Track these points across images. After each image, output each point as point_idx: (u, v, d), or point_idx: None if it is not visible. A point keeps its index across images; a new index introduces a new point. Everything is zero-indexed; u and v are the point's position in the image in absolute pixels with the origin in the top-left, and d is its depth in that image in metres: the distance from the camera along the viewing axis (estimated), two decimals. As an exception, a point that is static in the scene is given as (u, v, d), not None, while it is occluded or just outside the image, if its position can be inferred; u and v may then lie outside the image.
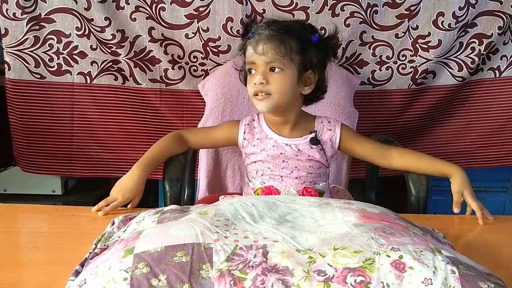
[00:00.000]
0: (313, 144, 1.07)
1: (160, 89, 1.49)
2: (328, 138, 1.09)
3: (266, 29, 0.99)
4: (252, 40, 1.00)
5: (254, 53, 0.99)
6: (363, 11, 1.44)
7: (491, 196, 1.85)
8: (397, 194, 1.24)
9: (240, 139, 1.10)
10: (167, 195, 1.05)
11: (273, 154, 1.06)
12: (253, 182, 1.11)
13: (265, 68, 0.99)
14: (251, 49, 1.00)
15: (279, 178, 1.07)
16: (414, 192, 1.07)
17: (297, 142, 1.07)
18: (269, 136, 1.08)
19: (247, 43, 1.02)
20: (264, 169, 1.08)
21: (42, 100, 1.47)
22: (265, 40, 0.98)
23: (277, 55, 0.97)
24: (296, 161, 1.07)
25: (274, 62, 0.98)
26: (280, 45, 0.98)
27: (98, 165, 1.55)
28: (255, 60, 0.99)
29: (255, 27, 1.01)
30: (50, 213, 0.94)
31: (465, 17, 1.46)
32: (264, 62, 0.98)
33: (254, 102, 1.02)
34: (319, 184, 1.10)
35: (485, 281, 0.55)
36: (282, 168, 1.07)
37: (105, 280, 0.55)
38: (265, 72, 0.99)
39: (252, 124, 1.11)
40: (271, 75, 0.99)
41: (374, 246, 0.59)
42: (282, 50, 0.97)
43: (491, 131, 1.62)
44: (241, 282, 0.53)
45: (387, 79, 1.52)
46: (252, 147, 1.09)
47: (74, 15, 1.41)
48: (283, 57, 0.98)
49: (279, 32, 0.98)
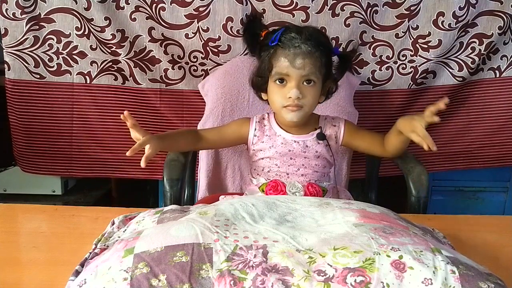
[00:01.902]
0: (320, 139, 1.09)
1: (160, 89, 1.49)
2: (332, 134, 1.12)
3: (303, 43, 1.00)
4: (287, 51, 1.00)
5: (291, 66, 0.99)
6: (363, 11, 1.44)
7: (491, 196, 1.85)
8: (397, 194, 1.24)
9: (251, 136, 1.12)
10: (167, 195, 1.05)
11: (282, 151, 1.09)
12: (257, 178, 1.13)
13: (299, 81, 1.01)
14: (286, 61, 1.00)
15: (285, 175, 1.09)
16: (414, 192, 1.07)
17: (305, 139, 1.10)
18: (277, 134, 1.10)
19: (278, 52, 1.01)
20: (271, 165, 1.10)
21: (41, 100, 1.47)
22: (303, 54, 0.99)
23: (314, 70, 1.00)
24: (303, 159, 1.09)
25: (310, 76, 1.01)
26: (317, 60, 1.00)
27: (98, 165, 1.55)
28: (290, 73, 1.00)
29: (287, 37, 1.01)
30: (50, 213, 0.94)
31: (465, 17, 1.46)
32: (300, 75, 1.00)
33: (283, 112, 1.04)
34: (323, 183, 1.11)
35: (485, 281, 0.55)
36: (289, 165, 1.09)
37: (105, 280, 0.55)
38: (299, 85, 1.01)
39: (262, 122, 1.13)
40: (305, 88, 1.01)
41: (374, 246, 0.59)
42: (318, 65, 1.01)
43: (491, 131, 1.61)
44: (241, 282, 0.53)
45: (387, 79, 1.52)
46: (262, 143, 1.11)
47: (74, 15, 1.40)
48: (318, 72, 1.01)
49: (315, 46, 1.00)
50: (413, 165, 1.12)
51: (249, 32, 1.11)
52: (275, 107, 1.06)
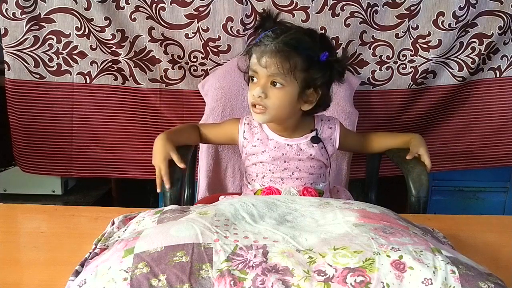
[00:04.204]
0: (314, 142, 1.06)
1: (160, 89, 1.49)
2: (328, 136, 1.10)
3: (273, 41, 0.94)
4: (258, 49, 0.96)
5: (257, 63, 0.96)
6: (363, 11, 1.44)
7: (491, 196, 1.85)
8: (397, 194, 1.24)
9: (240, 138, 1.10)
10: (167, 195, 1.05)
11: (275, 155, 1.06)
12: (252, 184, 1.10)
13: (266, 81, 0.96)
14: (255, 58, 0.96)
15: (280, 180, 1.07)
16: (414, 192, 1.07)
17: (298, 142, 1.07)
18: (270, 137, 1.07)
19: (252, 49, 0.98)
20: (264, 171, 1.07)
21: (41, 100, 1.47)
22: (269, 53, 0.94)
23: (280, 71, 0.94)
24: (297, 161, 1.06)
25: (276, 77, 0.95)
26: (285, 61, 0.93)
27: (98, 165, 1.55)
28: (257, 70, 0.97)
29: (263, 35, 0.97)
30: (50, 213, 0.94)
31: (465, 17, 1.46)
32: (266, 75, 0.96)
33: (252, 112, 1.02)
34: (319, 185, 1.10)
35: (485, 281, 0.55)
36: (284, 169, 1.06)
37: (105, 280, 0.55)
38: (265, 85, 0.96)
39: (251, 123, 1.10)
40: (271, 89, 0.96)
41: (374, 246, 0.59)
42: (286, 67, 0.94)
43: (491, 131, 1.61)
44: (241, 282, 0.53)
45: (387, 79, 1.52)
46: (253, 147, 1.08)
47: (74, 15, 1.40)
48: (286, 74, 0.94)
49: (286, 46, 0.93)
50: (413, 165, 1.11)
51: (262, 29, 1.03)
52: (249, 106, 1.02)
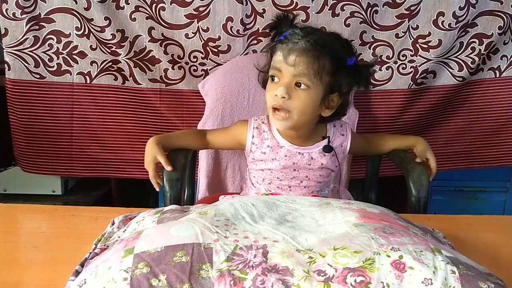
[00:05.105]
0: (326, 152, 1.02)
1: (160, 89, 1.49)
2: (339, 144, 1.06)
3: (302, 39, 0.90)
4: (285, 46, 0.92)
5: (283, 61, 0.91)
6: (363, 11, 1.44)
7: (491, 196, 1.85)
8: (397, 194, 1.24)
9: (248, 143, 1.05)
10: (167, 195, 1.05)
11: (285, 164, 1.02)
12: (257, 187, 1.09)
13: (290, 81, 0.91)
14: (281, 55, 0.92)
15: (287, 187, 1.05)
16: (414, 192, 1.06)
17: (310, 151, 1.03)
18: (281, 145, 1.03)
19: (277, 46, 0.94)
20: (272, 178, 1.05)
21: (42, 100, 1.47)
22: (299, 51, 0.90)
23: (308, 71, 0.90)
24: (307, 170, 1.03)
25: (302, 77, 0.91)
26: (314, 61, 0.89)
27: (98, 165, 1.55)
28: (282, 68, 0.92)
29: (290, 32, 0.93)
30: (50, 213, 0.94)
31: (465, 17, 1.46)
32: (292, 74, 0.91)
33: (271, 118, 0.96)
34: (324, 191, 1.09)
35: (485, 281, 0.55)
36: (292, 178, 1.03)
37: (105, 280, 0.55)
38: (289, 86, 0.91)
39: (261, 128, 1.05)
40: (295, 90, 0.92)
41: (374, 246, 0.59)
42: (315, 67, 0.90)
43: (491, 131, 1.61)
44: (241, 282, 0.53)
45: (387, 79, 1.52)
46: (262, 154, 1.04)
47: (74, 15, 1.40)
48: (314, 75, 0.90)
49: (316, 46, 0.90)
50: (413, 165, 1.12)
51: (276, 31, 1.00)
52: (267, 107, 0.98)
